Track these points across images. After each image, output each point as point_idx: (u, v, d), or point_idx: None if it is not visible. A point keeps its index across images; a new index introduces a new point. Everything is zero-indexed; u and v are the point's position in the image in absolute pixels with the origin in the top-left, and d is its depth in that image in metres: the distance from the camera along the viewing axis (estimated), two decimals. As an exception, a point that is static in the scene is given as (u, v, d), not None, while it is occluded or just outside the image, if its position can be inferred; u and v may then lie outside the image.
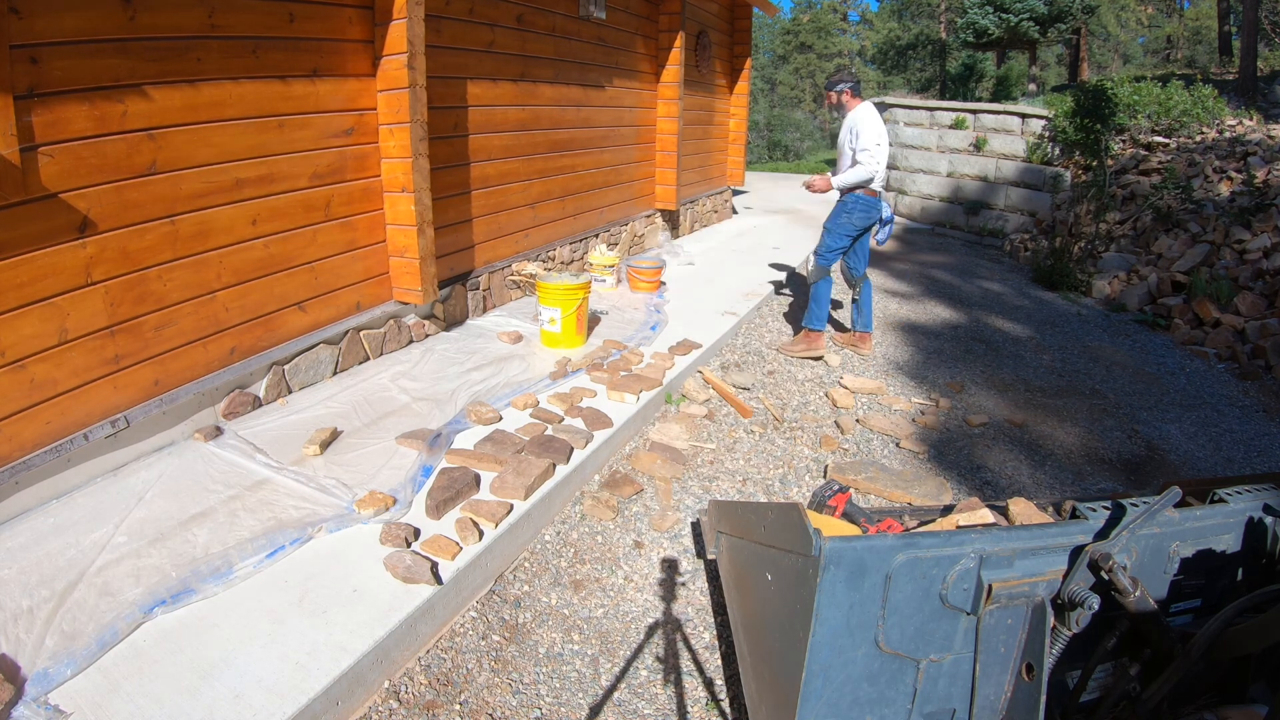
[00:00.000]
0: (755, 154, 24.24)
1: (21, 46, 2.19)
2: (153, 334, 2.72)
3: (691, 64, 7.35)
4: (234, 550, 2.18)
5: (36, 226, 2.30)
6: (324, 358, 3.49)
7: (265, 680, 1.76)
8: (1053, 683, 1.47)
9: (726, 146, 9.20)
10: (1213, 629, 1.35)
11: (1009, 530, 1.47)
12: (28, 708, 1.64)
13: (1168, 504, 1.45)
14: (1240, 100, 11.57)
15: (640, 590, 2.49)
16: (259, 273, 3.13)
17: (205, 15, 2.73)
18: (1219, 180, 7.94)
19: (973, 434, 3.84)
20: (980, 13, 18.83)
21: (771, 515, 1.65)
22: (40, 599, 1.96)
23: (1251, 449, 3.99)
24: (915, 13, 30.84)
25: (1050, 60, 28.47)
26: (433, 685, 1.99)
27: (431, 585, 2.11)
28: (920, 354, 4.98)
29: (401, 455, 2.83)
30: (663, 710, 2.04)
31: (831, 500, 2.62)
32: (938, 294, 6.59)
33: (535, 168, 5.09)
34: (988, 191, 10.11)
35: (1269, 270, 6.01)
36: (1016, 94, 16.91)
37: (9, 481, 2.29)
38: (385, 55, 3.48)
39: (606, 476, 3.05)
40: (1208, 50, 25.40)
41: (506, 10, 4.52)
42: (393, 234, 3.79)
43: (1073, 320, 6.17)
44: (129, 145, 2.54)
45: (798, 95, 36.88)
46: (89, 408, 2.53)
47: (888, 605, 1.38)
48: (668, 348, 4.17)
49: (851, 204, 4.34)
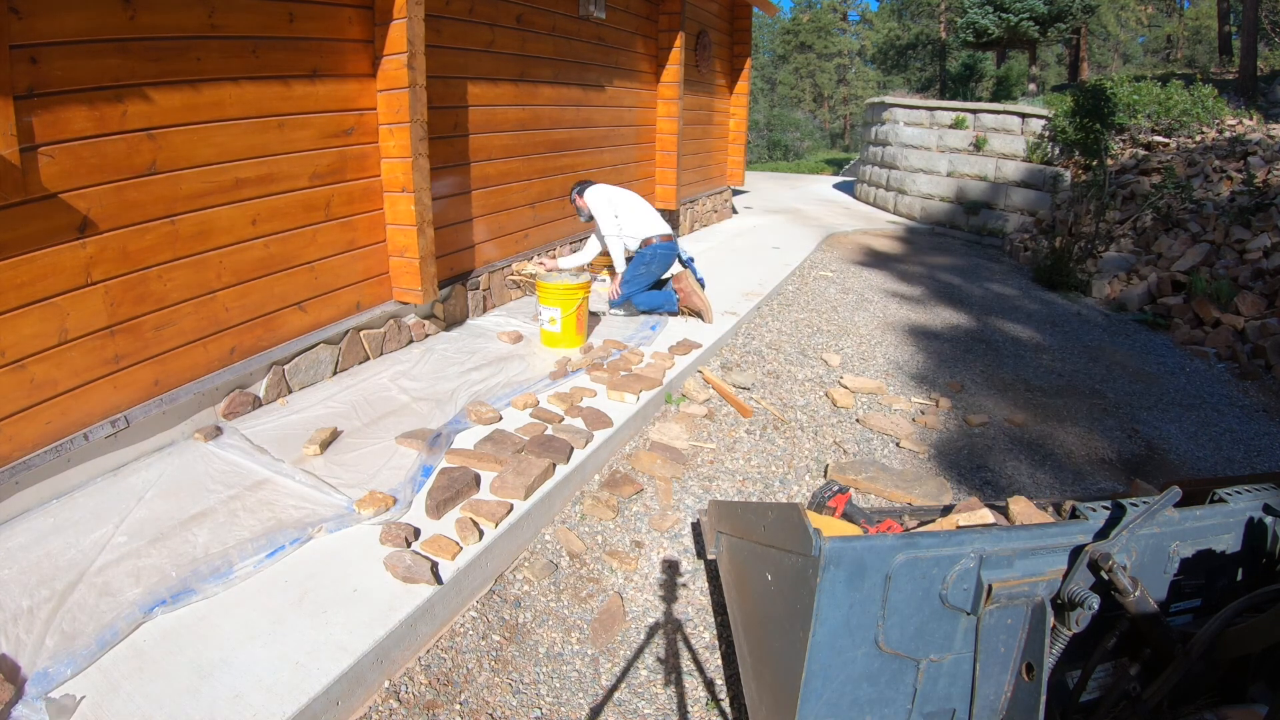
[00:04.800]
0: (755, 154, 24.25)
1: (21, 46, 2.19)
2: (153, 334, 2.72)
3: (691, 64, 7.35)
4: (234, 550, 2.18)
5: (36, 226, 2.29)
6: (324, 357, 3.49)
7: (265, 680, 1.76)
8: (1053, 683, 1.47)
9: (726, 146, 9.20)
10: (1213, 629, 1.35)
11: (1009, 530, 1.47)
12: (28, 707, 1.64)
13: (1167, 504, 1.45)
14: (1240, 100, 11.57)
15: (640, 590, 2.49)
16: (259, 273, 3.13)
17: (205, 15, 2.73)
18: (1219, 180, 7.94)
19: (973, 434, 3.84)
20: (980, 12, 18.83)
21: (771, 515, 1.65)
22: (40, 599, 1.96)
23: (1251, 449, 3.99)
24: (915, 13, 30.84)
25: (1050, 60, 28.47)
26: (433, 685, 1.99)
27: (431, 585, 2.11)
28: (920, 353, 4.98)
29: (401, 455, 2.83)
30: (663, 710, 2.04)
31: (831, 500, 2.62)
32: (938, 294, 6.59)
33: (535, 167, 5.09)
34: (988, 191, 10.11)
35: (1269, 270, 6.01)
36: (1016, 94, 16.90)
37: (9, 481, 2.29)
38: (385, 55, 3.48)
39: (606, 476, 3.05)
40: (1208, 50, 25.41)
41: (506, 10, 4.52)
42: (393, 234, 3.79)
43: (1073, 320, 6.17)
44: (129, 145, 2.54)
45: (798, 95, 36.89)
46: (89, 408, 2.53)
47: (888, 605, 1.38)
48: (668, 347, 4.17)
49: (649, 256, 4.72)
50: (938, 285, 6.91)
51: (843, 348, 4.88)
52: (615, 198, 4.80)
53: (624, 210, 4.76)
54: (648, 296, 4.75)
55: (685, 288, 4.76)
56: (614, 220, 4.71)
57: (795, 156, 24.68)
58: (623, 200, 4.81)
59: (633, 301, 4.75)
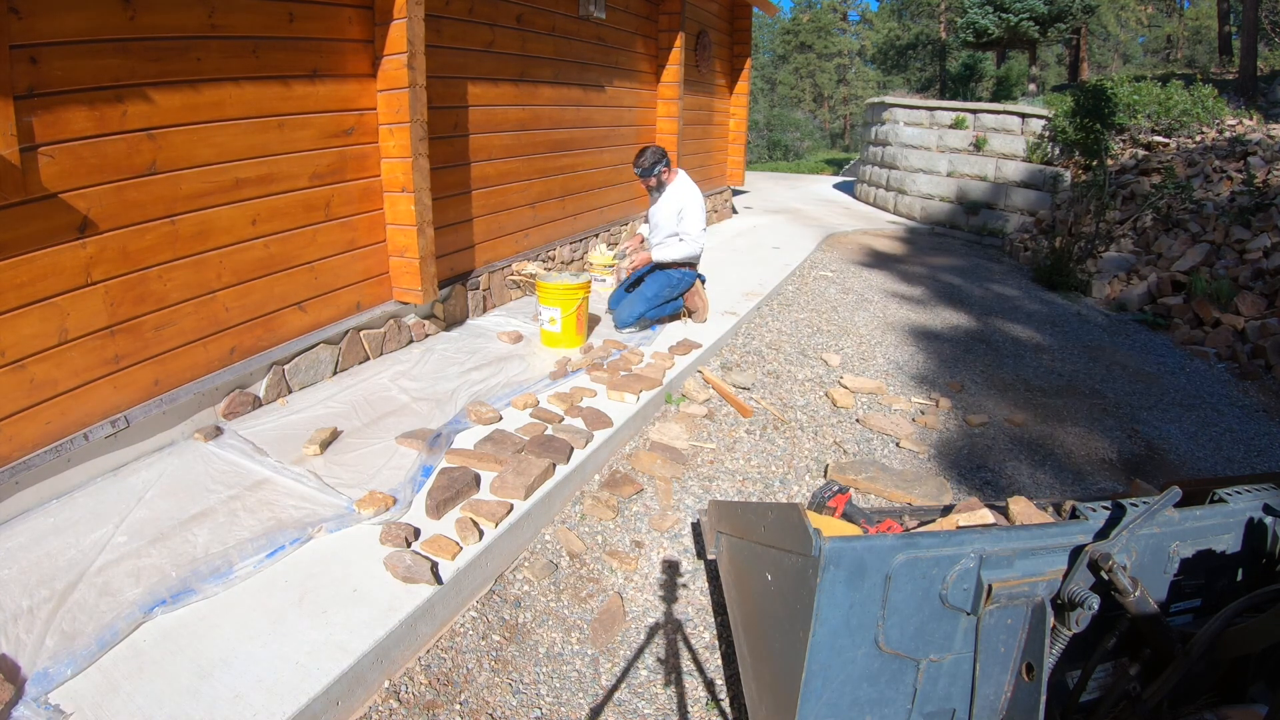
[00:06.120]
0: (755, 154, 24.26)
1: (21, 46, 2.19)
2: (153, 334, 2.72)
3: (691, 64, 7.35)
4: (234, 550, 2.18)
5: (36, 226, 2.29)
6: (324, 358, 3.49)
7: (265, 680, 1.76)
8: (1053, 683, 1.47)
9: (726, 146, 9.20)
10: (1213, 629, 1.35)
11: (1009, 530, 1.47)
12: (28, 707, 1.64)
13: (1167, 504, 1.45)
14: (1240, 100, 11.57)
15: (640, 590, 2.49)
16: (259, 273, 3.13)
17: (205, 15, 2.73)
18: (1219, 180, 7.94)
19: (973, 434, 3.84)
20: (980, 12, 18.83)
21: (771, 515, 1.65)
22: (40, 599, 1.96)
23: (1251, 449, 3.99)
24: (915, 12, 30.84)
25: (1050, 60, 28.47)
26: (433, 685, 1.99)
27: (431, 585, 2.11)
28: (920, 353, 4.98)
29: (401, 455, 2.83)
30: (663, 710, 2.04)
31: (831, 500, 2.62)
32: (938, 294, 6.59)
33: (535, 167, 5.09)
34: (988, 191, 10.11)
35: (1269, 270, 6.01)
36: (1016, 94, 16.90)
37: (9, 481, 2.29)
38: (385, 55, 3.48)
39: (606, 476, 3.05)
40: (1208, 50, 25.42)
41: (506, 10, 4.52)
42: (393, 234, 3.79)
43: (1073, 320, 6.17)
44: (129, 145, 2.54)
45: (798, 95, 36.89)
46: (89, 408, 2.53)
47: (888, 605, 1.38)
48: (668, 348, 4.17)
49: (679, 281, 4.53)
50: (938, 285, 6.91)
51: (843, 348, 4.88)
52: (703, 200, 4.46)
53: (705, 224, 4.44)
54: (656, 307, 4.56)
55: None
56: (703, 230, 4.41)
57: (795, 156, 24.68)
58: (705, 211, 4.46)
59: (646, 315, 4.49)
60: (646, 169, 4.37)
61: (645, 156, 4.36)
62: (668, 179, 4.46)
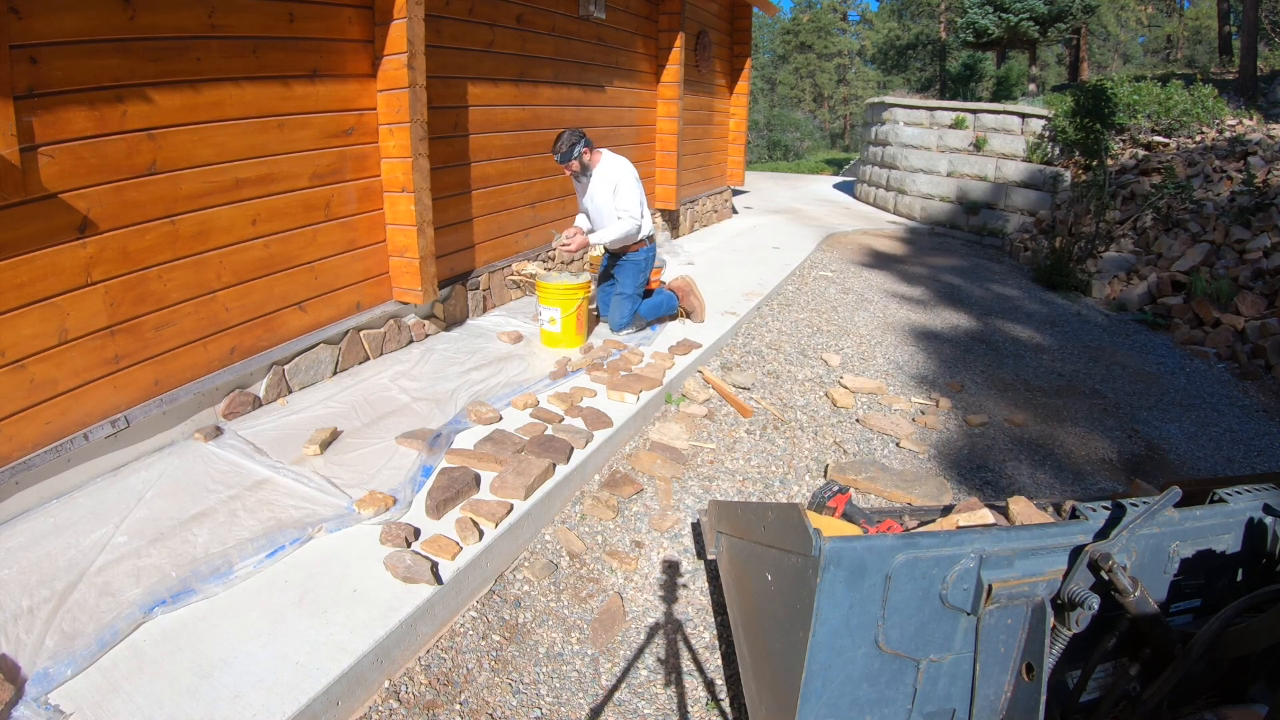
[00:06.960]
0: (755, 154, 24.26)
1: (21, 46, 2.19)
2: (153, 334, 2.72)
3: (691, 64, 7.35)
4: (234, 550, 2.18)
5: (36, 226, 2.30)
6: (324, 358, 3.49)
7: (265, 680, 1.76)
8: (1053, 683, 1.47)
9: (726, 146, 9.19)
10: (1213, 629, 1.35)
11: (1009, 530, 1.47)
12: (28, 707, 1.64)
13: (1167, 504, 1.45)
14: (1240, 100, 11.57)
15: (640, 590, 2.49)
16: (259, 273, 3.13)
17: (205, 15, 2.73)
18: (1219, 180, 7.94)
19: (973, 434, 3.84)
20: (980, 12, 18.82)
21: (771, 515, 1.65)
22: (40, 599, 1.96)
23: (1251, 449, 3.99)
24: (915, 13, 30.83)
25: (1050, 60, 28.46)
26: (433, 685, 1.99)
27: (431, 585, 2.11)
28: (920, 353, 4.98)
29: (401, 455, 2.83)
30: (663, 710, 2.04)
31: (831, 501, 2.62)
32: (937, 294, 6.59)
33: (535, 167, 5.08)
34: (988, 191, 10.11)
35: (1269, 270, 6.01)
36: (1016, 94, 16.90)
37: (9, 481, 2.29)
38: (385, 55, 3.48)
39: (606, 476, 3.05)
40: (1208, 50, 25.41)
41: (506, 10, 4.52)
42: (393, 234, 3.79)
43: (1073, 320, 6.17)
44: (129, 145, 2.54)
45: (798, 95, 36.89)
46: (89, 408, 2.53)
47: (888, 605, 1.38)
48: (668, 348, 4.17)
49: (644, 260, 4.28)
50: (938, 285, 6.91)
51: (843, 348, 4.88)
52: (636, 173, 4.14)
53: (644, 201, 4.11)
54: (650, 306, 4.43)
55: (684, 286, 4.71)
56: (639, 202, 4.06)
57: (795, 156, 24.68)
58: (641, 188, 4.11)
59: (640, 313, 4.35)
60: (565, 153, 3.98)
61: (562, 140, 3.98)
62: (592, 160, 4.10)
